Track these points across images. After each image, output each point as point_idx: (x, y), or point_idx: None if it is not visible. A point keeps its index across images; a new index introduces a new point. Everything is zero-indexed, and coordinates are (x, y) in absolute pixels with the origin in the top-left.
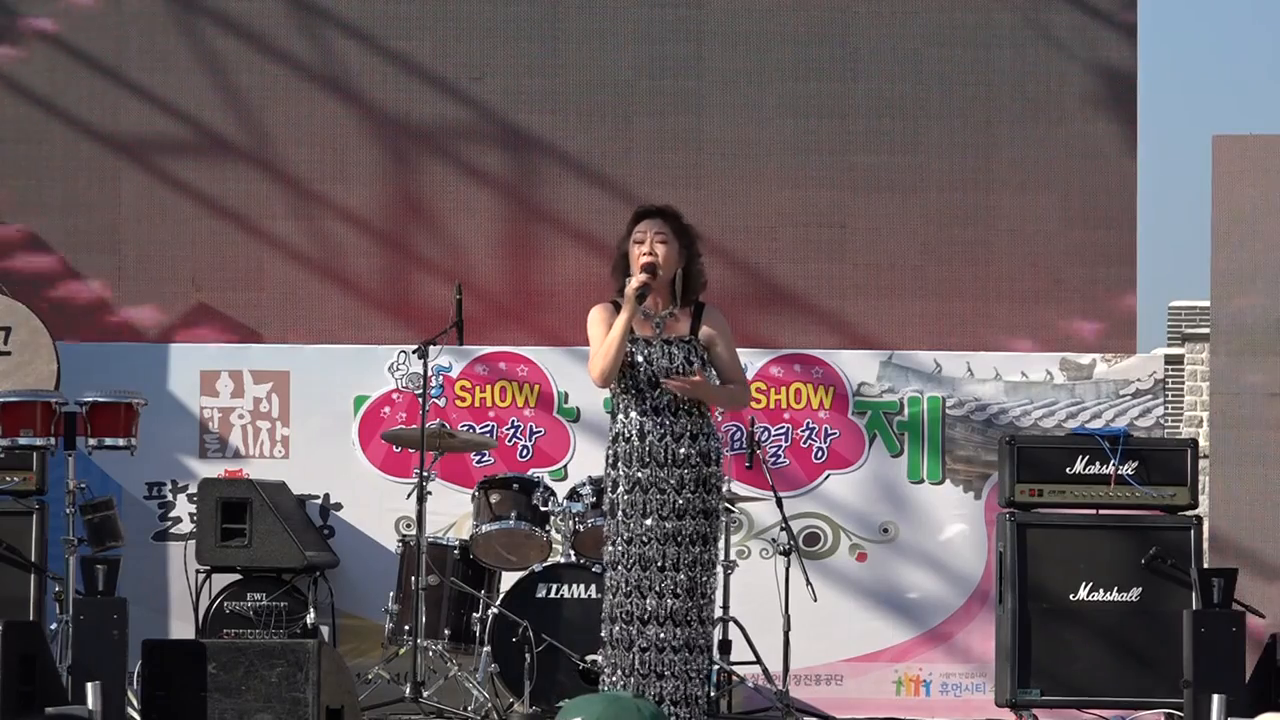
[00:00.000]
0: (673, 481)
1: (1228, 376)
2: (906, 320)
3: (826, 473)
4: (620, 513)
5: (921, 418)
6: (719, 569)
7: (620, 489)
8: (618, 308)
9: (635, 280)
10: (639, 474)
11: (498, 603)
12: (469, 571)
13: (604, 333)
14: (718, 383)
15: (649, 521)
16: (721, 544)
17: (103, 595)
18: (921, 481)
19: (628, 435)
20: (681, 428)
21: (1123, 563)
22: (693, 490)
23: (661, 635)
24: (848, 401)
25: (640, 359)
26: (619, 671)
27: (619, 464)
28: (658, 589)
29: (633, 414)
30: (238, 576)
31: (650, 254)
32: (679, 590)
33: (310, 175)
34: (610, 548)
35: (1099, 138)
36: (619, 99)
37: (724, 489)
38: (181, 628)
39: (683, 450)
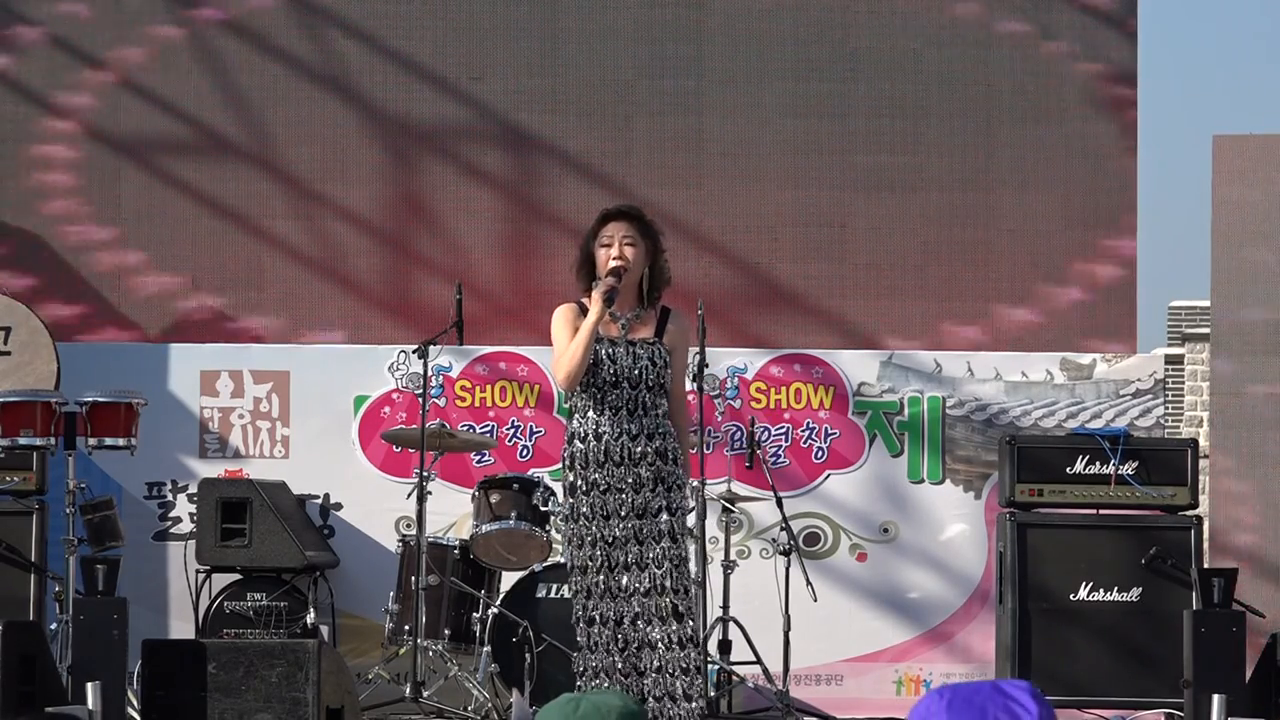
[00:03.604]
0: (630, 480)
1: (1228, 377)
2: (906, 320)
3: (826, 473)
4: (581, 517)
5: (921, 418)
6: (693, 564)
7: (579, 493)
8: (583, 309)
9: (603, 285)
10: (595, 475)
11: (498, 603)
12: (469, 571)
13: (569, 335)
14: (670, 377)
15: (611, 523)
16: (702, 540)
17: (103, 595)
18: (922, 481)
19: (584, 435)
20: (638, 427)
21: (1123, 563)
22: (651, 489)
23: (635, 634)
24: (848, 401)
25: (605, 359)
26: (601, 674)
27: (575, 466)
28: (626, 588)
29: (590, 414)
30: (238, 576)
31: (620, 258)
32: (648, 588)
33: (310, 175)
34: (575, 551)
35: (1099, 138)
36: (619, 99)
37: (684, 487)
38: (181, 628)
39: (639, 449)
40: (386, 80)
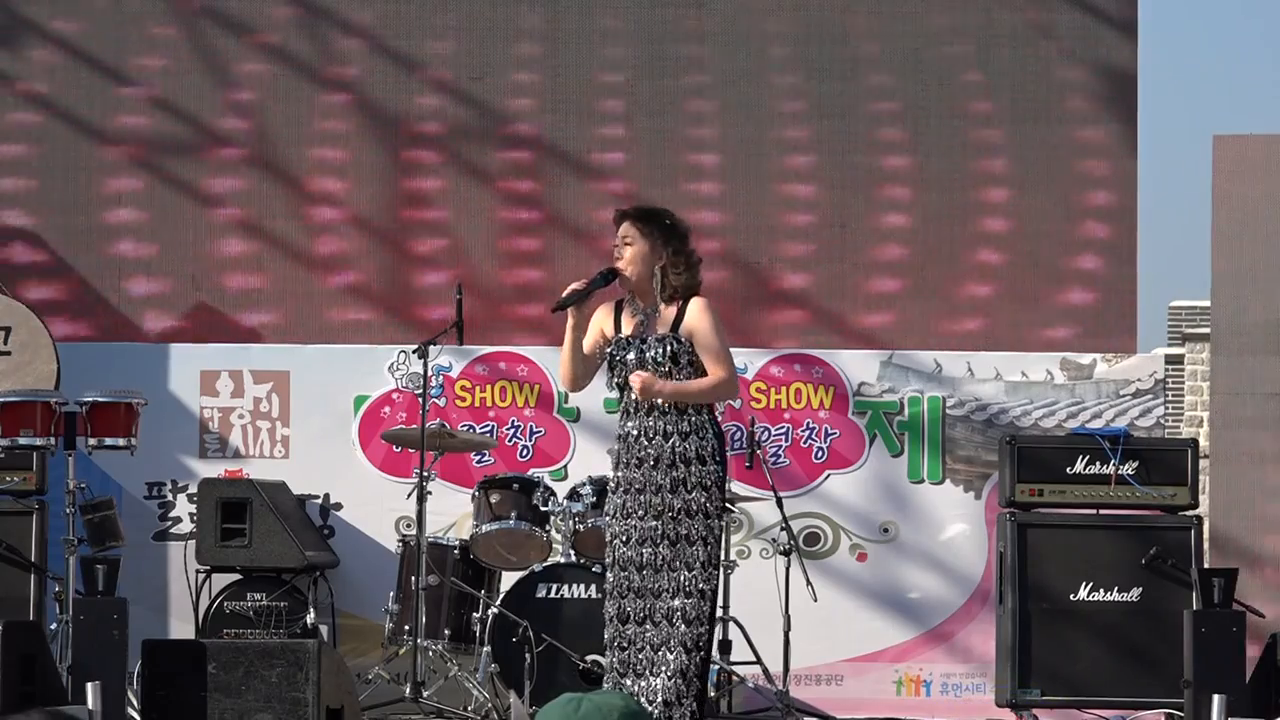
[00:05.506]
0: (649, 482)
1: (1228, 376)
2: (906, 320)
3: (827, 473)
4: (610, 515)
5: (922, 418)
6: (711, 568)
7: (610, 492)
8: (619, 307)
9: (568, 289)
10: (620, 474)
11: (498, 603)
12: (469, 571)
13: (589, 338)
14: (686, 377)
15: (630, 522)
16: (715, 543)
17: (103, 595)
18: (922, 481)
19: (620, 436)
20: (655, 428)
21: (1123, 563)
22: (670, 490)
23: (642, 635)
24: (848, 401)
25: (618, 361)
26: (615, 672)
27: (613, 465)
28: (637, 589)
29: (621, 417)
30: (238, 576)
31: (619, 259)
32: (658, 591)
33: (310, 175)
34: (607, 549)
35: (1099, 138)
36: (619, 99)
37: (715, 487)
38: (181, 628)
39: (654, 451)
40: (386, 80)
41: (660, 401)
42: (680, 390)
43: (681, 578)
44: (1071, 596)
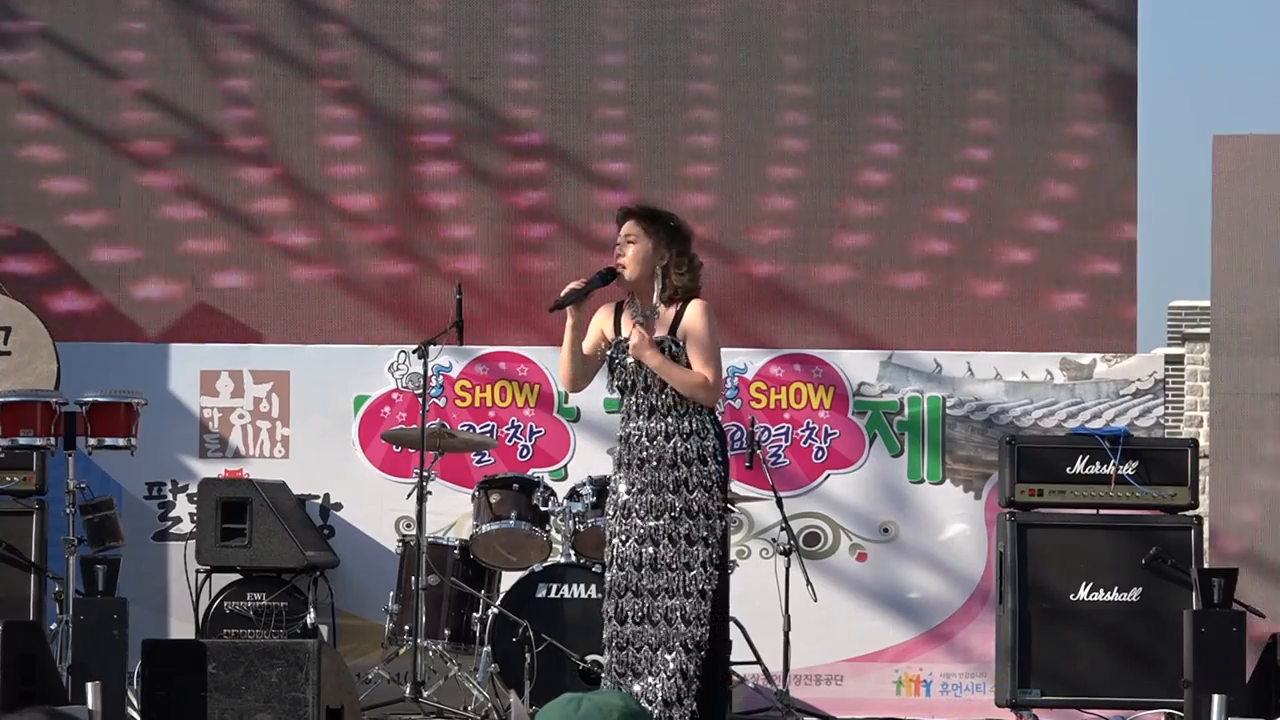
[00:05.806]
0: (650, 481)
1: (1228, 376)
2: (906, 320)
3: (826, 473)
4: (610, 516)
5: (921, 418)
6: (712, 568)
7: (610, 492)
8: (619, 308)
9: (566, 289)
10: (621, 473)
11: (498, 603)
12: (469, 571)
13: (589, 339)
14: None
15: (631, 521)
16: (716, 543)
17: (103, 595)
18: (922, 481)
19: (620, 437)
20: (656, 429)
21: (1123, 563)
22: (672, 490)
23: (639, 634)
24: (848, 401)
25: (617, 364)
26: (613, 672)
27: (615, 467)
28: (635, 588)
29: (623, 419)
30: (238, 576)
31: (619, 256)
32: (656, 590)
33: (310, 175)
34: (607, 549)
35: (1099, 138)
36: (619, 99)
37: (716, 487)
38: (181, 628)
39: (655, 451)
40: (386, 80)
41: (661, 404)
42: (665, 367)
43: (682, 577)
44: (1071, 596)
